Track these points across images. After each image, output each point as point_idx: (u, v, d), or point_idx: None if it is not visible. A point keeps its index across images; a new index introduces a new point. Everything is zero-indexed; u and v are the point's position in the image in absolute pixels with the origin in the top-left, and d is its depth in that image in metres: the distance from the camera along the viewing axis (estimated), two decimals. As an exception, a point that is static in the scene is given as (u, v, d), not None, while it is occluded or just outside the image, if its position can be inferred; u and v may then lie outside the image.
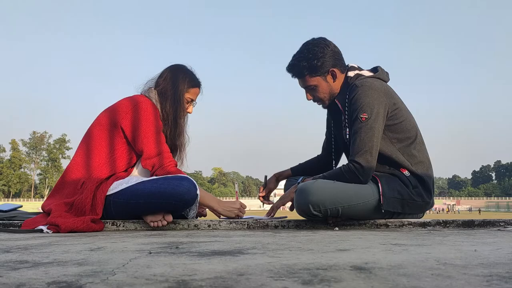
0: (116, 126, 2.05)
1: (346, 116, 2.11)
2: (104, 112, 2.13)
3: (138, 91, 2.21)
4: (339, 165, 2.36)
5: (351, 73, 2.14)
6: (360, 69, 2.17)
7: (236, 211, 2.12)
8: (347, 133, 2.11)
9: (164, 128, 2.13)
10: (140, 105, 2.06)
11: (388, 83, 2.18)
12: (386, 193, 1.98)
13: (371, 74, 2.14)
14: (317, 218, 1.97)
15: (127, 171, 2.08)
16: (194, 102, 2.27)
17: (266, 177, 2.59)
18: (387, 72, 2.21)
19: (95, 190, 1.96)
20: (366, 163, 1.95)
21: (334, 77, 2.13)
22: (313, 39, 2.15)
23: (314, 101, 2.22)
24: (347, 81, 2.13)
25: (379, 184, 1.99)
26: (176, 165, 2.07)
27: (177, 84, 2.17)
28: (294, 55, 2.16)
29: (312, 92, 2.18)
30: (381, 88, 2.05)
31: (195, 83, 2.25)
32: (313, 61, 2.09)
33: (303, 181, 2.15)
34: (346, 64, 2.19)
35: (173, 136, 2.15)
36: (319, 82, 2.13)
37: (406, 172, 2.03)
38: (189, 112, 2.26)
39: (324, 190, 1.93)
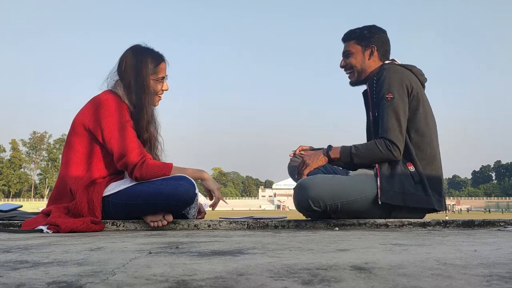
0: (86, 129, 2.00)
1: (373, 98, 2.17)
2: (75, 117, 2.06)
3: (104, 85, 2.10)
4: None
5: (387, 61, 2.26)
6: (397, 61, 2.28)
7: (218, 185, 2.10)
8: (372, 114, 2.19)
9: (135, 123, 2.02)
10: (105, 105, 1.97)
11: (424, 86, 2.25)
12: (385, 186, 1.99)
13: (402, 63, 2.24)
14: (317, 213, 1.99)
15: (121, 174, 2.06)
16: (166, 77, 2.15)
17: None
18: (420, 70, 2.27)
19: (88, 193, 1.93)
20: (398, 141, 2.02)
21: (371, 54, 2.26)
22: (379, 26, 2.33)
23: (346, 69, 2.33)
24: (381, 67, 2.22)
25: (378, 178, 2.00)
26: (151, 158, 1.98)
27: (138, 71, 2.03)
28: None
29: (346, 59, 2.31)
30: (406, 74, 2.14)
31: (158, 60, 2.10)
32: (364, 31, 2.28)
33: (331, 149, 2.15)
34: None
35: (144, 128, 2.04)
36: (357, 51, 2.28)
37: (411, 168, 2.05)
38: (165, 90, 2.16)
39: (323, 185, 1.95)
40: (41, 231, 1.83)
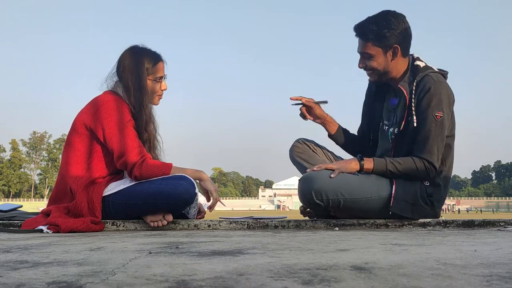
0: (87, 129, 2.01)
1: (413, 104, 2.01)
2: (76, 116, 2.08)
3: (104, 86, 2.12)
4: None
5: (420, 63, 2.08)
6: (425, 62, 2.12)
7: (216, 186, 2.10)
8: (415, 120, 2.00)
9: (136, 124, 2.03)
10: (102, 106, 1.99)
11: None
12: (399, 196, 1.96)
13: (439, 70, 2.10)
14: (320, 208, 1.98)
15: (121, 173, 2.07)
16: (164, 77, 2.17)
17: (326, 102, 2.34)
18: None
19: (88, 193, 1.94)
20: (437, 164, 1.96)
21: (394, 55, 2.05)
22: (394, 11, 2.08)
23: (365, 69, 2.13)
24: (414, 69, 2.07)
25: (394, 186, 1.97)
26: (151, 158, 1.99)
27: (136, 71, 2.05)
28: (368, 17, 2.08)
29: (366, 61, 2.09)
30: (450, 88, 2.05)
31: (155, 60, 2.11)
32: (383, 30, 2.01)
33: (363, 160, 2.02)
34: (411, 53, 2.14)
35: (143, 129, 2.06)
36: (378, 53, 2.05)
37: (426, 182, 2.00)
38: (164, 89, 2.17)
39: (329, 179, 1.93)
40: (41, 231, 1.83)
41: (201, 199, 2.18)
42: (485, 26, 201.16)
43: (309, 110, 2.30)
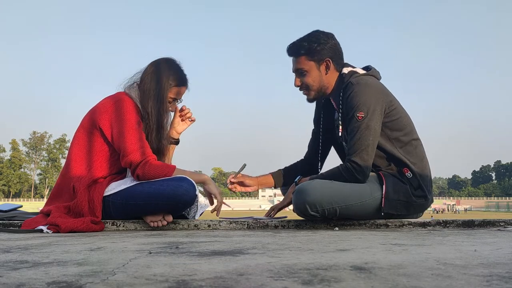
0: (96, 127, 2.01)
1: (340, 115, 2.08)
2: (87, 114, 2.09)
3: (120, 87, 2.12)
4: (323, 165, 2.37)
5: (345, 70, 2.12)
6: (353, 67, 2.16)
7: (220, 189, 2.10)
8: (340, 131, 2.09)
9: (146, 129, 2.04)
10: (119, 103, 2.00)
11: (380, 81, 2.18)
12: (390, 196, 1.98)
13: (364, 72, 2.12)
14: (316, 218, 1.98)
15: (123, 173, 2.07)
16: (179, 100, 2.18)
17: (244, 165, 2.38)
18: (378, 71, 2.20)
19: (89, 192, 1.94)
20: (362, 162, 1.95)
21: (327, 68, 2.10)
22: (323, 30, 2.14)
23: (301, 88, 2.17)
24: (342, 78, 2.11)
25: (384, 186, 1.98)
26: (155, 159, 1.99)
27: (160, 83, 2.05)
28: (300, 37, 2.14)
29: (301, 77, 2.13)
30: (377, 86, 2.05)
31: (181, 82, 2.12)
32: (313, 44, 2.07)
33: (300, 180, 2.16)
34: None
35: (155, 138, 2.05)
36: (311, 68, 2.10)
37: (409, 174, 2.02)
38: (171, 111, 2.17)
39: (321, 190, 1.93)
40: (41, 231, 1.83)
41: (202, 199, 2.18)
42: (481, 25, 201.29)
43: (243, 183, 2.34)
